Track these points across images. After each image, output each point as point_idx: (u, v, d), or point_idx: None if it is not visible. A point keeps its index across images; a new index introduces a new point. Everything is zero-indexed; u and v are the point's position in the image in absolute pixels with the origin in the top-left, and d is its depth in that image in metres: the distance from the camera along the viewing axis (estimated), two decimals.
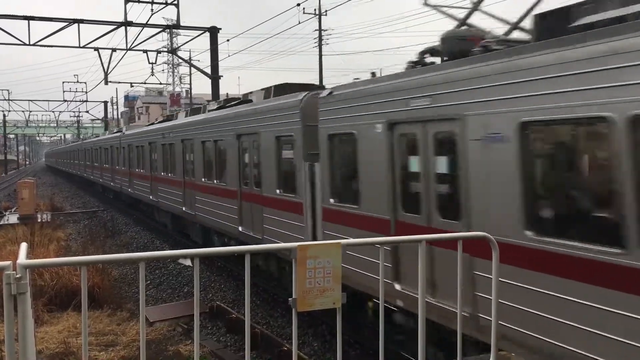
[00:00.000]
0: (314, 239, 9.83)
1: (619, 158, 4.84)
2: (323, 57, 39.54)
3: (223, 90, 33.04)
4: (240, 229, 13.04)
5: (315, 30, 41.08)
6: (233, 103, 14.87)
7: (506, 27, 7.29)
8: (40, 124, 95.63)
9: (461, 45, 6.84)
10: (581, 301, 5.16)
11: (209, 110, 15.90)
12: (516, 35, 7.16)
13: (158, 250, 18.37)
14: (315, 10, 40.30)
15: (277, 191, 11.09)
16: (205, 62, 33.65)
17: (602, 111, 4.90)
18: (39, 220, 23.79)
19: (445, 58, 7.23)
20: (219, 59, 27.52)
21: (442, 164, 7.00)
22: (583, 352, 5.12)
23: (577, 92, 5.13)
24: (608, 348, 4.92)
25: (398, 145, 7.67)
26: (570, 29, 5.62)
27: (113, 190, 32.07)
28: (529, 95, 5.63)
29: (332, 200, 9.18)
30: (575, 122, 5.33)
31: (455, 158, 6.68)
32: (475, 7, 7.77)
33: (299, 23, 46.28)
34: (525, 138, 5.71)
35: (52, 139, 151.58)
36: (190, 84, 60.51)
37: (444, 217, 6.90)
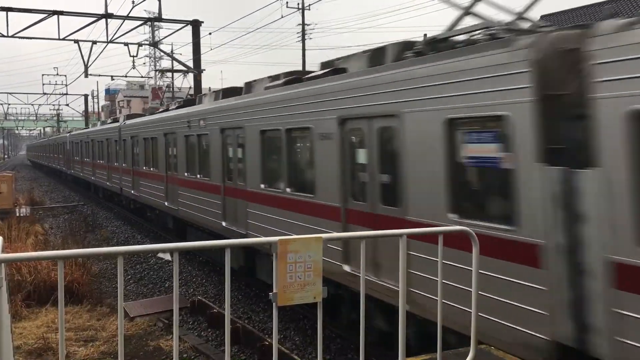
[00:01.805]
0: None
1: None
2: (306, 51, 39.48)
3: (205, 84, 32.78)
4: (92, 176, 33.08)
5: (299, 24, 41.01)
6: (106, 123, 32.43)
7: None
8: (19, 117, 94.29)
9: None
10: (489, 273, 5.92)
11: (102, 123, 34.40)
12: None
13: (139, 245, 18.22)
14: (298, 4, 40.19)
15: (123, 164, 23.65)
16: (187, 56, 33.37)
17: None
18: (18, 214, 23.46)
19: None
20: (201, 52, 27.33)
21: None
22: (483, 315, 5.66)
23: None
24: (502, 309, 5.81)
25: (131, 144, 22.23)
26: None
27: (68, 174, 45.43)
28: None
29: (134, 167, 22.09)
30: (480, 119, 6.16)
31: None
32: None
33: (282, 17, 46.21)
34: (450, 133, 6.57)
35: (31, 132, 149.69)
36: (172, 77, 60.00)
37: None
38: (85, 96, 72.14)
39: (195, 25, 26.86)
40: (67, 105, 78.83)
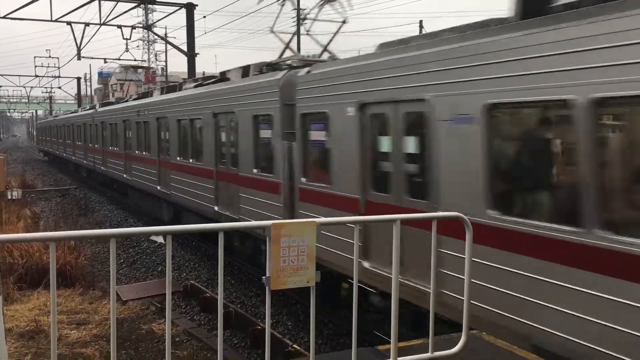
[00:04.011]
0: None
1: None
2: (301, 37, 39.18)
3: (199, 68, 32.53)
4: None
5: (294, 9, 40.67)
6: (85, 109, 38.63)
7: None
8: (11, 100, 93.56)
9: None
10: (265, 200, 11.10)
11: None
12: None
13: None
14: None
15: (95, 145, 27.69)
16: (181, 39, 33.15)
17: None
18: (9, 197, 23.33)
19: None
20: (196, 36, 27.10)
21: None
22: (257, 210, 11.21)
23: None
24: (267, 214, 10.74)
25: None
26: None
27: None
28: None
29: (103, 147, 26.15)
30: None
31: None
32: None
33: (277, 1, 45.80)
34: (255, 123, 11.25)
35: (23, 115, 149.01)
36: (165, 61, 59.67)
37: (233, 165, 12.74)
38: (78, 79, 71.55)
39: (189, 8, 26.61)
40: (60, 88, 78.21)
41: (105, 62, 41.10)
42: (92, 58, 37.69)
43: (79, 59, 30.17)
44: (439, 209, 6.40)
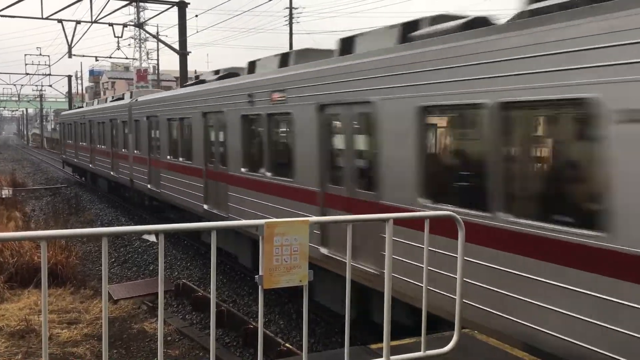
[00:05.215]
0: None
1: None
2: (294, 35, 39.20)
3: (191, 67, 32.43)
4: None
5: (286, 8, 40.68)
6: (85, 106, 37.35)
7: None
8: (1, 98, 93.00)
9: None
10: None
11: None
12: None
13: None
14: None
15: (83, 143, 28.85)
16: (173, 38, 33.03)
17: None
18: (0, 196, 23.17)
19: None
20: (188, 34, 27.01)
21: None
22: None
23: None
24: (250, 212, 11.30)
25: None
26: None
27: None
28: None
29: (92, 145, 26.82)
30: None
31: None
32: None
33: (270, 0, 45.80)
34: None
35: (14, 113, 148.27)
36: (157, 59, 59.48)
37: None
38: (69, 77, 71.13)
39: (181, 6, 26.51)
40: (51, 86, 77.73)
41: (96, 60, 40.93)
42: (83, 56, 37.74)
43: (70, 57, 30.04)
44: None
